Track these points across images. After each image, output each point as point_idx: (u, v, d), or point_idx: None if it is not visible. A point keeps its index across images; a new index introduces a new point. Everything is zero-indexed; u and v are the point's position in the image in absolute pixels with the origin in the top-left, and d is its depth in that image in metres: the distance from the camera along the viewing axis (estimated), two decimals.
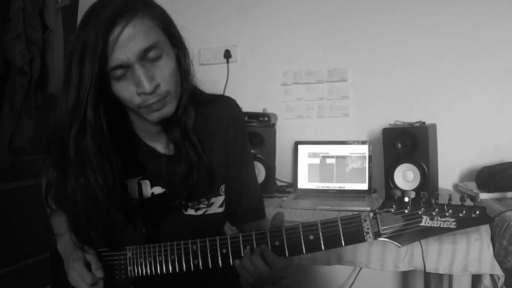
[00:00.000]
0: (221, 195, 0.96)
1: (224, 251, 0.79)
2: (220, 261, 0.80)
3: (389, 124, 1.56)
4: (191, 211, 0.93)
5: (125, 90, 0.76)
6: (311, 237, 0.74)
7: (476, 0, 1.65)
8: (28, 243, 1.91)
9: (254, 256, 0.76)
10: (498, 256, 1.10)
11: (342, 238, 0.72)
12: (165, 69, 0.77)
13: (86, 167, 0.77)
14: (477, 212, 0.67)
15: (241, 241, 0.79)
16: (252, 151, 1.64)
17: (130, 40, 0.73)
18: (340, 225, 0.73)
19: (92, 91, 0.74)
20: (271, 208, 1.41)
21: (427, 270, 1.15)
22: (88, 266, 0.85)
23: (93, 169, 0.77)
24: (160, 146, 0.92)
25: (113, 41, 0.72)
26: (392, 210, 0.70)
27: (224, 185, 0.96)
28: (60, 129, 0.78)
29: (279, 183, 1.81)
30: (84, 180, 0.78)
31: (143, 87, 0.74)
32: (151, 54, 0.75)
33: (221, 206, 0.96)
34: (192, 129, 0.88)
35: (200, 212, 0.93)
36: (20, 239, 1.93)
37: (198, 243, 0.81)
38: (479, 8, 1.65)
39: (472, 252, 1.12)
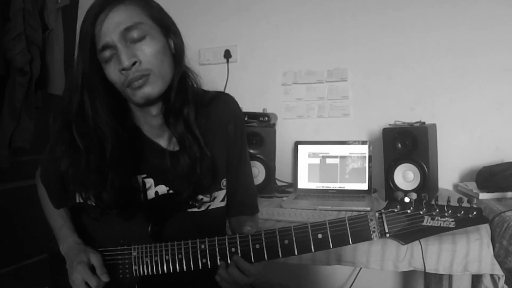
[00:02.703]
0: (222, 189, 0.97)
1: (233, 249, 0.80)
2: (229, 260, 0.80)
3: (389, 124, 1.56)
4: (194, 208, 0.93)
5: (112, 70, 0.81)
6: (320, 235, 0.77)
7: (476, 0, 1.65)
8: (28, 243, 1.91)
9: (231, 268, 0.80)
10: (499, 256, 1.10)
11: (350, 237, 0.76)
12: (147, 49, 0.81)
13: (90, 146, 0.83)
14: (474, 213, 0.73)
15: (250, 240, 0.80)
16: (252, 151, 1.67)
17: (113, 22, 0.79)
18: (347, 224, 0.76)
19: (87, 75, 0.80)
20: (271, 208, 1.41)
21: (427, 270, 1.15)
22: (92, 269, 0.85)
23: (93, 148, 0.83)
24: (163, 142, 0.93)
25: (99, 25, 0.79)
26: (396, 211, 0.75)
27: (225, 179, 0.97)
28: (69, 114, 0.84)
29: (279, 183, 1.81)
30: (90, 156, 0.83)
31: (122, 62, 0.79)
32: (134, 34, 0.80)
33: (222, 200, 0.97)
34: (194, 124, 0.90)
35: (203, 208, 0.94)
36: (20, 239, 1.93)
37: (207, 242, 0.82)
38: (479, 8, 1.65)
39: (472, 252, 1.12)
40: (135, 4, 0.82)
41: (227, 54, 1.99)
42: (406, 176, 1.44)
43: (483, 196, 1.40)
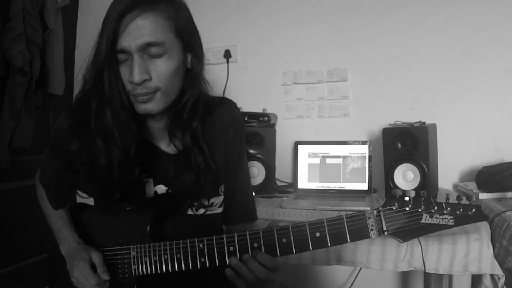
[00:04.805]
0: (220, 195, 0.97)
1: (232, 248, 0.80)
2: (227, 259, 0.80)
3: (389, 124, 1.56)
4: (192, 211, 0.93)
5: (123, 74, 0.80)
6: (318, 234, 0.77)
7: (477, 0, 1.65)
8: (28, 243, 1.92)
9: (248, 259, 0.78)
10: (499, 256, 1.10)
11: (348, 235, 0.75)
12: (162, 67, 0.80)
13: (108, 137, 0.81)
14: (473, 210, 0.72)
15: (248, 239, 0.79)
16: (252, 151, 1.67)
17: (137, 30, 0.77)
18: (345, 222, 0.76)
19: (107, 67, 0.78)
20: (271, 208, 1.41)
21: (427, 270, 1.15)
22: (93, 267, 0.85)
23: (114, 139, 0.81)
24: (163, 144, 0.93)
25: (123, 25, 0.76)
26: (394, 208, 0.74)
27: (223, 185, 0.97)
28: (87, 99, 0.83)
29: (279, 183, 1.81)
30: (107, 148, 0.82)
31: (133, 76, 0.78)
32: (153, 50, 0.78)
33: (220, 206, 0.97)
34: (202, 136, 0.90)
35: (200, 212, 0.94)
36: (20, 239, 1.93)
37: (205, 241, 0.82)
38: (479, 8, 1.65)
39: (472, 252, 1.11)
40: (164, 15, 0.79)
41: (227, 54, 1.99)
42: (406, 176, 1.44)
43: (483, 196, 1.40)
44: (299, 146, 1.72)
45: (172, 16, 0.81)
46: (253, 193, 1.10)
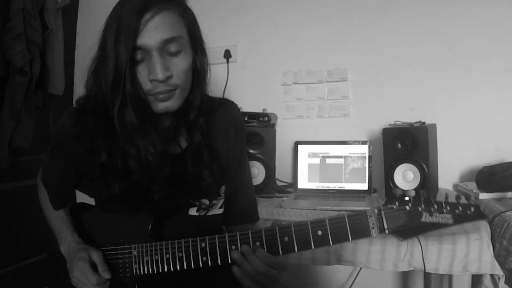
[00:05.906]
0: (221, 195, 0.97)
1: (234, 247, 0.80)
2: (229, 258, 0.80)
3: (389, 124, 1.56)
4: (193, 212, 0.93)
5: (141, 74, 0.80)
6: (320, 232, 0.77)
7: (477, 0, 1.65)
8: (28, 243, 1.92)
9: (247, 251, 0.78)
10: (499, 256, 1.10)
11: (349, 233, 0.76)
12: (180, 64, 0.81)
13: (134, 137, 0.81)
14: (472, 209, 0.73)
15: (250, 238, 0.80)
16: (252, 151, 1.67)
17: (156, 28, 0.78)
18: (347, 221, 0.76)
19: (128, 66, 0.78)
20: (271, 208, 1.41)
21: (427, 270, 1.15)
22: (93, 266, 0.85)
23: (141, 138, 0.81)
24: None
25: (143, 24, 0.77)
26: (395, 207, 0.75)
27: (224, 186, 0.97)
28: (104, 104, 0.82)
29: (279, 183, 1.81)
30: (135, 149, 0.82)
31: (156, 74, 0.78)
32: (172, 47, 0.80)
33: (221, 207, 0.97)
34: (207, 135, 0.90)
35: (201, 213, 0.94)
36: (20, 239, 1.93)
37: (207, 240, 0.82)
38: (479, 8, 1.65)
39: (472, 252, 1.11)
40: (178, 13, 0.81)
41: (227, 54, 1.99)
42: (406, 176, 1.44)
43: (483, 196, 1.40)
44: (299, 146, 1.72)
45: (183, 14, 0.83)
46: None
